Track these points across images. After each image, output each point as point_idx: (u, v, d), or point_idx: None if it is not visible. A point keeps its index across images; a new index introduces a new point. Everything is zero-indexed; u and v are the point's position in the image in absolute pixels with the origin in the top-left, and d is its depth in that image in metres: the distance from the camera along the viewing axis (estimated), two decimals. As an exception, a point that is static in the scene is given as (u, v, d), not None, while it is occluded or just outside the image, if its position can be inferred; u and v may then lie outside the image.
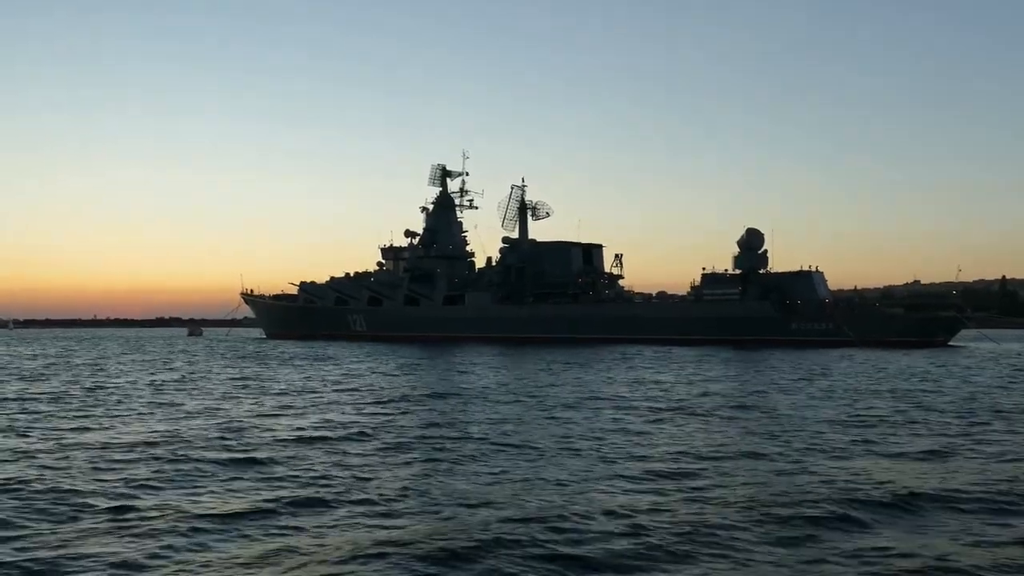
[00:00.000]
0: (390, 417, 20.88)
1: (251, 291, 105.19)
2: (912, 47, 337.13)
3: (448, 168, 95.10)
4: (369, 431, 18.06)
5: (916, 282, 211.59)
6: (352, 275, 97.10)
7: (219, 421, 19.87)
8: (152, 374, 38.21)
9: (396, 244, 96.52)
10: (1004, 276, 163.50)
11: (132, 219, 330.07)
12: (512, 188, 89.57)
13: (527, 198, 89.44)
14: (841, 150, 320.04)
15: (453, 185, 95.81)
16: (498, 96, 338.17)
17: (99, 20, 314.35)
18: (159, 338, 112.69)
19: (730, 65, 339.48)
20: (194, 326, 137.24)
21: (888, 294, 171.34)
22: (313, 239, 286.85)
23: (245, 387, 30.43)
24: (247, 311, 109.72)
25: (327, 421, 19.95)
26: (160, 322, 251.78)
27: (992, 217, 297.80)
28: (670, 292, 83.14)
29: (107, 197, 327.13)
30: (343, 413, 21.70)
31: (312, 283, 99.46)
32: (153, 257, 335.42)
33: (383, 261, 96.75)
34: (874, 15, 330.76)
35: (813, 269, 74.19)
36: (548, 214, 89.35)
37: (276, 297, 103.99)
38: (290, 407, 23.19)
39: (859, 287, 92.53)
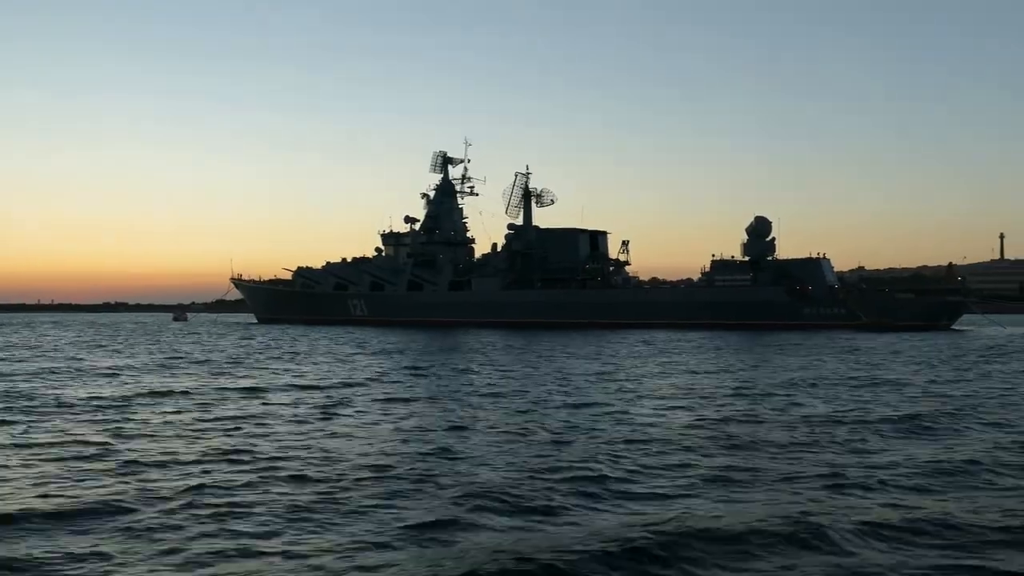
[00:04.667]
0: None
1: (241, 276, 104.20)
2: (920, 35, 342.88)
3: (449, 155, 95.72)
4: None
5: (861, 268, 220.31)
6: (350, 260, 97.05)
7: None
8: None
9: (396, 230, 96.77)
10: (951, 263, 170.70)
11: (78, 201, 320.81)
12: (516, 175, 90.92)
13: (531, 185, 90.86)
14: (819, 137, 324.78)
15: (454, 172, 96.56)
16: (498, 83, 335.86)
17: None
18: (139, 324, 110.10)
19: (730, 52, 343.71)
20: (179, 311, 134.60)
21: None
22: (278, 227, 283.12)
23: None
24: (236, 295, 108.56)
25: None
26: (107, 307, 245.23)
27: (938, 204, 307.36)
28: (675, 279, 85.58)
29: (61, 177, 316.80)
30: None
31: (308, 268, 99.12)
32: (98, 241, 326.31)
33: (382, 247, 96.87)
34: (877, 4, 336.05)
35: (821, 256, 77.41)
36: (552, 201, 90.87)
37: (270, 282, 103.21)
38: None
39: None
